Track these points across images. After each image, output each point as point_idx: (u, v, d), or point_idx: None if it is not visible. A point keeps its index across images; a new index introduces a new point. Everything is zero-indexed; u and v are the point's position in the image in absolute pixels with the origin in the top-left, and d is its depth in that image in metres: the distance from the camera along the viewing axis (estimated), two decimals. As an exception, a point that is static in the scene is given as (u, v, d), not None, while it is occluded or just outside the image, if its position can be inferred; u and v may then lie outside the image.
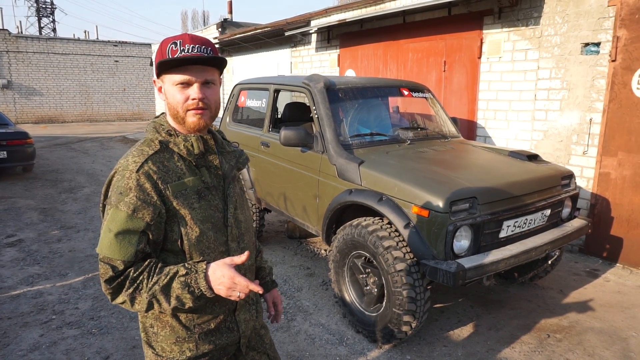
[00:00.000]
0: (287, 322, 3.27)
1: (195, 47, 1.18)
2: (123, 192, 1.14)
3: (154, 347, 1.29)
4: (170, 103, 1.23)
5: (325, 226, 3.33)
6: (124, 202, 1.13)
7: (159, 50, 1.22)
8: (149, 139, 1.25)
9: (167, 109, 1.26)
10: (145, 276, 1.14)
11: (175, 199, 1.19)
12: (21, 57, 18.52)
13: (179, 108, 1.21)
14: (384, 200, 2.84)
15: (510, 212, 2.81)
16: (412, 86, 4.16)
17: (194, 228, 1.21)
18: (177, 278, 1.13)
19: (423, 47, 5.98)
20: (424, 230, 2.65)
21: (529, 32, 4.78)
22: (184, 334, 1.26)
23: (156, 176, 1.17)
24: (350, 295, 3.15)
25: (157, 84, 1.28)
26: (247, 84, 4.75)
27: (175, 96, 1.21)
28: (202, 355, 1.30)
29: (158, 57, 1.21)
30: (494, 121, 5.25)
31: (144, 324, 1.30)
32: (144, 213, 1.14)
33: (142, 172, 1.16)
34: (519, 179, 2.99)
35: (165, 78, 1.23)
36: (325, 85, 3.59)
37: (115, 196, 1.15)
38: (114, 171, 1.20)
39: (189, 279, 1.13)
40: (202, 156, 1.27)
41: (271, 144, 4.05)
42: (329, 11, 7.51)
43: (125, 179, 1.15)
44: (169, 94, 1.22)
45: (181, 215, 1.19)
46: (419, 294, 2.71)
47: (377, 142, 3.55)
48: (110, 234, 1.13)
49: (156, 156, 1.20)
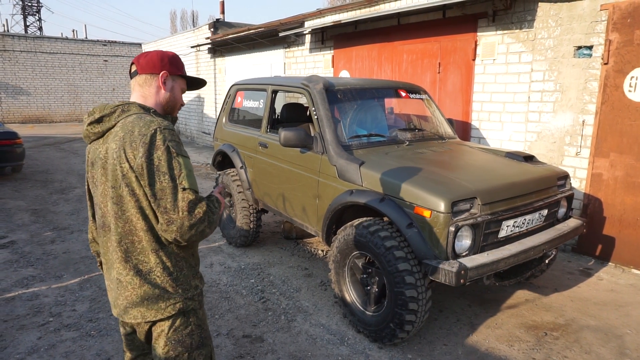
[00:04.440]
0: (287, 322, 3.27)
1: None
2: (179, 144, 1.46)
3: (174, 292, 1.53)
4: (176, 99, 1.67)
5: (326, 227, 3.34)
6: (184, 150, 1.46)
7: (179, 60, 1.68)
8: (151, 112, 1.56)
9: (167, 101, 1.64)
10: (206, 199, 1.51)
11: None
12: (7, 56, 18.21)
13: (177, 104, 1.68)
14: (386, 200, 2.86)
15: (509, 212, 2.85)
16: (409, 87, 4.19)
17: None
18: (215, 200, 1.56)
19: (418, 49, 6.03)
20: (426, 230, 2.68)
21: (522, 35, 4.85)
22: (195, 271, 1.61)
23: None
24: (351, 296, 3.17)
25: (163, 77, 1.60)
26: (244, 84, 4.74)
27: (180, 98, 1.70)
28: (200, 290, 1.63)
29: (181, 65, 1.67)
30: (488, 122, 5.31)
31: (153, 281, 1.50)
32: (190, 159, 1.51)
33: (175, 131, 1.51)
34: (517, 180, 3.04)
35: (178, 80, 1.67)
36: (324, 86, 3.60)
37: (177, 148, 1.43)
38: (151, 130, 1.41)
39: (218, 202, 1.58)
40: None
41: (269, 144, 4.05)
42: (324, 12, 7.53)
43: (173, 134, 1.44)
44: (177, 93, 1.67)
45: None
46: (421, 293, 2.74)
47: (376, 143, 3.57)
48: (192, 173, 1.44)
49: None
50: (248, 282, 3.94)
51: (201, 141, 12.72)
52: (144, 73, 1.58)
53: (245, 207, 4.47)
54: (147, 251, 1.48)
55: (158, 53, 1.61)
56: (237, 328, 3.18)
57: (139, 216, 1.45)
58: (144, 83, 1.59)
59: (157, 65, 1.59)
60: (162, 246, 1.49)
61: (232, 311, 3.43)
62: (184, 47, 12.82)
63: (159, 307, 1.50)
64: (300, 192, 3.69)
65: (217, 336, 3.07)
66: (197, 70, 12.59)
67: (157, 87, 1.60)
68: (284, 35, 8.09)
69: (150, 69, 1.58)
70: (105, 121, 1.50)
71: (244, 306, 3.51)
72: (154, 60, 1.59)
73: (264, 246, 4.82)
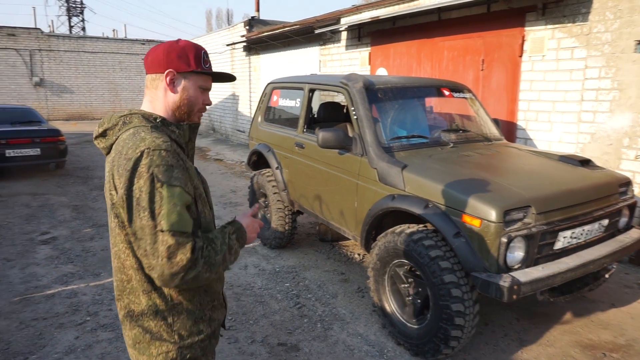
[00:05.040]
0: (323, 330, 3.16)
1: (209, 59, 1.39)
2: (169, 169, 1.16)
3: (169, 338, 1.28)
4: (190, 100, 1.33)
5: (365, 232, 3.20)
6: (175, 177, 1.16)
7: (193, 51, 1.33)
8: (151, 125, 1.27)
9: (179, 102, 1.33)
10: (207, 243, 1.20)
11: (194, 177, 1.29)
12: (53, 56, 18.93)
13: (195, 107, 1.35)
14: (431, 207, 2.69)
15: (566, 223, 2.62)
16: (453, 86, 3.99)
17: (206, 206, 1.33)
18: (230, 235, 1.29)
19: (459, 45, 5.77)
20: (475, 240, 2.49)
21: (576, 29, 4.53)
22: (200, 314, 1.33)
23: (180, 155, 1.24)
24: (391, 306, 3.02)
25: (169, 76, 1.31)
26: (281, 83, 4.65)
27: (199, 97, 1.35)
28: (211, 333, 1.38)
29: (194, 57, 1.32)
30: (535, 123, 5.01)
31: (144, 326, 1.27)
32: (189, 187, 1.21)
33: (174, 150, 1.21)
34: (574, 187, 2.80)
35: (191, 77, 1.33)
36: (364, 85, 3.45)
37: (162, 174, 1.14)
38: (137, 153, 1.15)
39: (238, 233, 1.32)
40: (186, 144, 1.37)
41: (306, 145, 3.94)
42: (360, 8, 7.35)
43: (164, 157, 1.16)
44: (191, 92, 1.33)
45: (199, 194, 1.28)
46: (468, 308, 2.56)
47: (418, 144, 3.39)
48: (177, 208, 1.14)
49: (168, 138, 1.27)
50: (283, 286, 3.85)
51: (235, 139, 12.80)
52: (150, 72, 1.33)
53: (280, 209, 4.38)
54: (138, 292, 1.25)
55: (166, 46, 1.31)
56: (272, 335, 3.09)
57: (129, 252, 1.22)
58: (151, 84, 1.34)
59: (162, 61, 1.29)
60: (154, 288, 1.24)
61: (266, 316, 3.34)
62: (220, 45, 12.92)
63: (150, 354, 1.28)
64: (338, 195, 3.56)
65: (251, 343, 2.99)
66: (232, 68, 12.66)
67: (164, 89, 1.32)
68: (320, 32, 7.96)
69: (155, 67, 1.31)
70: (109, 135, 1.29)
71: (278, 311, 3.42)
72: (159, 55, 1.31)
73: (299, 248, 4.72)
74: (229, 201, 6.62)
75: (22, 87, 18.45)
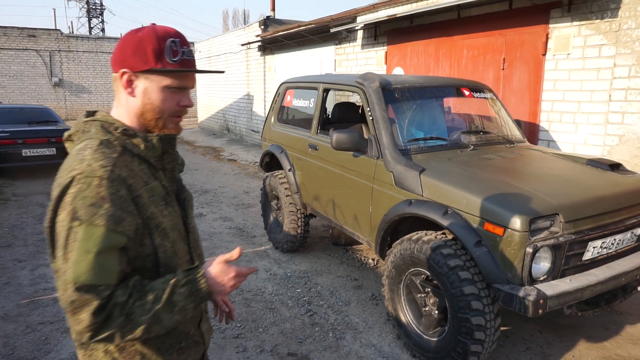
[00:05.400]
0: (335, 340, 3.03)
1: (188, 50, 1.08)
2: (95, 204, 0.94)
3: None
4: (154, 105, 1.07)
5: (380, 238, 3.06)
6: (100, 215, 0.94)
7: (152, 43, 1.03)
8: (104, 139, 1.04)
9: (142, 109, 1.08)
10: (135, 297, 0.96)
11: (149, 206, 1.04)
12: (72, 56, 19.21)
13: (164, 113, 1.08)
14: (450, 214, 2.54)
15: (596, 232, 2.45)
16: (473, 85, 3.82)
17: (168, 238, 1.08)
18: (177, 290, 1.00)
19: (479, 44, 5.58)
20: (498, 250, 2.34)
21: (604, 25, 4.31)
22: (158, 359, 1.10)
23: (128, 182, 1.01)
24: (407, 316, 2.87)
25: (126, 77, 1.06)
26: (294, 82, 4.53)
27: (167, 101, 1.07)
28: None
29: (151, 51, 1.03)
30: (559, 124, 4.80)
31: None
32: (124, 225, 0.97)
33: (114, 178, 0.98)
34: (605, 193, 2.61)
35: (152, 77, 1.05)
36: (381, 84, 3.31)
37: (84, 210, 0.93)
38: (68, 179, 0.96)
39: (192, 287, 1.02)
40: (160, 158, 1.12)
41: (320, 146, 3.82)
42: (377, 6, 7.20)
43: (95, 187, 0.95)
44: (155, 96, 1.06)
45: (155, 225, 1.05)
46: (489, 321, 2.40)
47: (437, 147, 3.24)
48: (90, 255, 0.92)
49: (121, 159, 1.02)
50: (294, 291, 3.73)
51: (250, 139, 12.75)
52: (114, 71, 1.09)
53: (292, 212, 4.26)
54: None
55: (124, 38, 1.07)
56: (282, 344, 2.98)
57: None
58: (114, 85, 1.11)
59: (117, 58, 1.06)
60: None
61: (277, 324, 3.23)
62: (235, 45, 12.89)
63: None
64: (352, 199, 3.42)
65: (260, 352, 2.88)
66: (247, 68, 12.61)
67: (124, 93, 1.08)
68: (335, 31, 7.83)
69: (113, 64, 1.07)
70: (75, 140, 1.09)
71: (289, 319, 3.30)
72: (115, 50, 1.08)
73: (311, 252, 4.60)
74: (241, 202, 6.54)
75: (41, 88, 18.76)
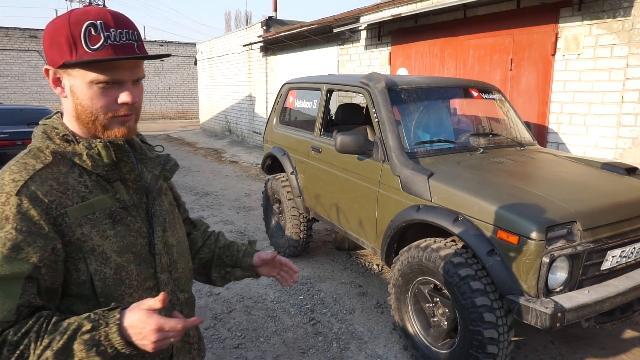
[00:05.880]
0: (339, 351, 2.91)
1: (123, 32, 0.89)
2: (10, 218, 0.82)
3: None
4: (85, 106, 0.91)
5: (386, 245, 2.94)
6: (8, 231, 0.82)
7: (66, 30, 0.87)
8: (37, 147, 0.93)
9: (75, 111, 0.93)
10: (32, 338, 0.80)
11: (79, 227, 0.89)
12: (74, 57, 19.15)
13: (99, 114, 0.91)
14: (461, 220, 2.42)
15: (616, 240, 2.32)
16: (482, 86, 3.70)
17: (109, 263, 0.92)
18: (79, 336, 0.80)
19: (486, 44, 5.46)
20: (511, 259, 2.21)
21: (616, 24, 4.19)
22: None
23: (47, 199, 0.86)
24: (414, 326, 2.75)
25: (51, 75, 0.92)
26: (297, 83, 4.42)
27: (97, 99, 0.90)
28: None
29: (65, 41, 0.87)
30: (569, 126, 4.67)
31: None
32: (28, 251, 0.83)
33: (24, 194, 0.84)
34: (623, 199, 2.49)
35: (75, 72, 0.89)
36: (386, 85, 3.20)
37: None
38: None
39: (98, 336, 0.81)
40: (115, 167, 0.96)
41: (323, 149, 3.70)
42: (381, 6, 7.09)
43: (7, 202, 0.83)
44: (83, 94, 0.90)
45: (89, 249, 0.90)
46: (502, 334, 2.28)
47: (445, 150, 3.12)
48: None
49: (47, 171, 0.89)
50: (297, 298, 3.61)
51: (252, 141, 12.64)
52: None
53: (295, 216, 4.15)
54: None
55: (44, 30, 0.92)
56: (284, 355, 2.86)
57: None
58: None
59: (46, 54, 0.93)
60: None
61: (278, 333, 3.11)
62: (237, 46, 12.79)
63: None
64: (356, 203, 3.30)
65: (261, 364, 2.77)
66: (249, 69, 12.51)
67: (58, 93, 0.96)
68: (338, 31, 7.72)
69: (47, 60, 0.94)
70: None
71: (291, 328, 3.18)
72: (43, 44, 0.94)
73: (314, 257, 4.48)
74: (243, 205, 6.42)
75: (43, 89, 18.71)
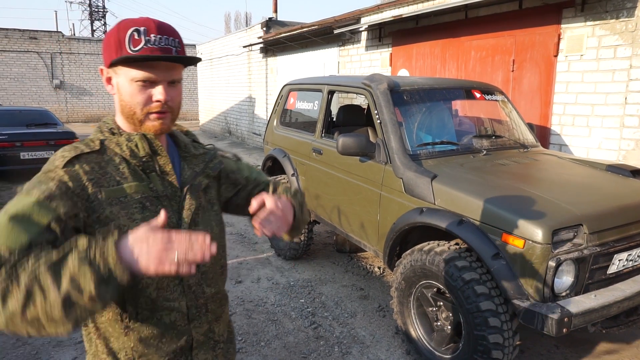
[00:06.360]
0: (341, 355, 2.87)
1: (163, 38, 0.98)
2: (42, 181, 0.91)
3: None
4: (126, 101, 1.00)
5: (389, 248, 2.90)
6: (38, 188, 0.89)
7: (115, 35, 0.97)
8: (90, 138, 1.05)
9: (120, 106, 1.03)
10: (30, 258, 0.78)
11: (109, 205, 0.96)
12: (73, 59, 19.12)
13: (137, 109, 1.00)
14: (465, 224, 2.38)
15: (622, 243, 2.29)
16: (484, 88, 3.67)
17: None
18: (74, 251, 0.79)
19: (488, 45, 5.43)
20: (517, 263, 2.18)
21: (619, 25, 4.16)
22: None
23: (86, 177, 0.95)
24: (417, 331, 2.71)
25: (105, 74, 1.03)
26: (298, 84, 4.39)
27: (135, 95, 0.99)
28: None
29: (114, 44, 0.97)
30: (572, 128, 4.64)
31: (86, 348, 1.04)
32: (58, 204, 0.88)
33: (68, 169, 0.94)
34: (630, 201, 2.46)
35: (120, 70, 0.99)
36: (389, 86, 3.17)
37: (29, 184, 0.92)
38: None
39: (93, 251, 0.78)
40: (151, 159, 1.03)
41: (324, 151, 3.67)
42: (382, 7, 7.06)
43: (47, 172, 0.94)
44: (125, 90, 0.99)
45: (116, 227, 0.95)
46: (507, 339, 2.24)
47: (448, 152, 3.09)
48: (4, 215, 0.84)
49: (92, 155, 0.99)
50: (297, 302, 3.57)
51: (251, 142, 12.61)
52: None
53: (295, 218, 4.10)
54: None
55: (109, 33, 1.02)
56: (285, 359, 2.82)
57: None
58: None
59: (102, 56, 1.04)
60: None
61: (279, 337, 3.07)
62: (237, 47, 12.76)
63: None
64: (358, 206, 3.27)
65: (262, 369, 2.73)
66: (249, 70, 12.48)
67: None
68: (339, 32, 7.69)
69: None
70: None
71: (292, 332, 3.14)
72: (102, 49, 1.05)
73: (315, 260, 4.44)
74: (243, 207, 6.38)
75: (42, 90, 18.67)
